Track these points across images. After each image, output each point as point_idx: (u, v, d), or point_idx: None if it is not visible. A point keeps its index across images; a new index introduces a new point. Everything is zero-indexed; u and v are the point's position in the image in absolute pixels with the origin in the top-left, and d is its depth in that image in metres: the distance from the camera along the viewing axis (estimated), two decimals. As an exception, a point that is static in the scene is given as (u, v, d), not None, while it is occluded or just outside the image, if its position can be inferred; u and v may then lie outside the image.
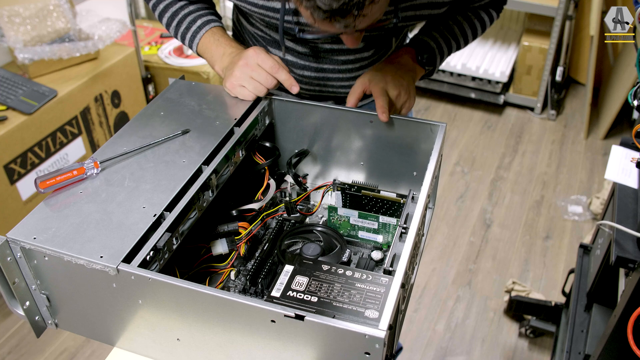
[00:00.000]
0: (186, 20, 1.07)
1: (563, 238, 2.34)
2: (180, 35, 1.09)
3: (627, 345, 0.99)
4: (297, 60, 1.07)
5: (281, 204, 0.99)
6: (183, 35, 1.08)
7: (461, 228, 2.39)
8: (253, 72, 0.95)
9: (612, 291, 1.27)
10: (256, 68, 0.95)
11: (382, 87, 0.95)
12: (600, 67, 3.10)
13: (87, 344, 1.88)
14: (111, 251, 0.69)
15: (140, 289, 0.69)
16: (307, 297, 0.70)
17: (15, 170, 1.88)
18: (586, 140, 2.92)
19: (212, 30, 1.06)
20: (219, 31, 1.06)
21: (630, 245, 1.12)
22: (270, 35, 1.09)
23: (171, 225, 0.75)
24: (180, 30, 1.07)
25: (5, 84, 1.97)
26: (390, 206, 0.92)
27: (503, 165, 2.74)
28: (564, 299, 1.84)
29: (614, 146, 1.29)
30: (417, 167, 0.98)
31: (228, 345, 0.70)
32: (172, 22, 1.08)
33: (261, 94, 0.97)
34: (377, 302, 0.68)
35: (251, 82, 0.96)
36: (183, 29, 1.07)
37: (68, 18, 2.11)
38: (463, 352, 1.91)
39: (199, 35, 1.06)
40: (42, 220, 0.74)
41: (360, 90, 0.97)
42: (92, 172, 0.82)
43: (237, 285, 0.89)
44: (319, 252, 0.88)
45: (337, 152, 1.02)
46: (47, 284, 0.76)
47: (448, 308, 2.06)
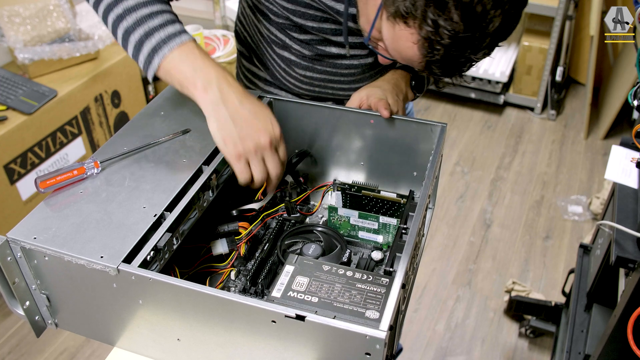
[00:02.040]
0: (150, 21, 0.82)
1: (563, 238, 2.34)
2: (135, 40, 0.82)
3: (627, 345, 0.99)
4: (301, 61, 1.07)
5: (281, 204, 0.99)
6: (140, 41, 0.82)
7: (461, 228, 2.39)
8: (267, 156, 0.82)
9: (612, 291, 1.27)
10: (271, 155, 0.82)
11: (381, 98, 0.97)
12: (600, 67, 3.10)
13: (87, 344, 1.88)
14: (111, 251, 0.69)
15: (140, 289, 0.69)
16: (308, 297, 0.70)
17: (15, 170, 1.88)
18: (586, 140, 2.92)
19: (191, 44, 0.83)
20: (197, 46, 0.84)
21: (630, 245, 1.12)
22: (291, 38, 1.03)
23: (171, 225, 0.75)
24: (138, 32, 0.82)
25: (5, 84, 1.96)
26: (390, 206, 0.92)
27: (503, 165, 2.74)
28: (564, 299, 1.84)
29: (614, 146, 1.29)
30: (417, 167, 0.98)
31: (228, 345, 0.70)
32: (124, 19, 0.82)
33: (257, 181, 0.83)
34: (377, 303, 0.68)
35: (258, 165, 0.82)
36: (143, 32, 0.82)
37: (68, 18, 2.11)
38: (463, 352, 1.91)
39: (171, 45, 0.81)
40: (42, 220, 0.74)
41: (356, 104, 0.99)
42: (92, 172, 0.82)
43: (237, 285, 0.89)
44: (319, 252, 0.88)
45: (337, 152, 1.02)
46: (47, 284, 0.75)
47: (448, 308, 2.06)
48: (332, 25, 0.99)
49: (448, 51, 0.73)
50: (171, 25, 0.83)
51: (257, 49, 1.15)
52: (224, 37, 2.57)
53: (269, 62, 1.13)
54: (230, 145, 0.80)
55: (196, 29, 2.46)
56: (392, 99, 0.98)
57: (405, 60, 0.81)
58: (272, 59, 1.11)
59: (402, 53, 0.79)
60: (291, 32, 1.03)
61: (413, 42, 0.75)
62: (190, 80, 0.80)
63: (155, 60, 0.81)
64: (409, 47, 0.76)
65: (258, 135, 0.81)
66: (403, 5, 0.72)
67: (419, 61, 0.78)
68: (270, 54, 1.10)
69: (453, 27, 0.70)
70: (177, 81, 0.82)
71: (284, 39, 1.05)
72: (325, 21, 0.98)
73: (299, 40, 1.04)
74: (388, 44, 0.80)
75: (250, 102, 0.82)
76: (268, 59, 1.13)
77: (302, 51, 1.05)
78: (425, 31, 0.72)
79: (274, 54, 1.09)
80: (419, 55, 0.76)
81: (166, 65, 0.81)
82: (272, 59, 1.11)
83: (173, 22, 0.83)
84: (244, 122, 0.80)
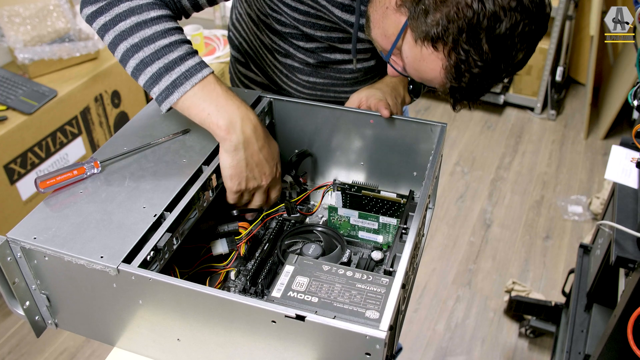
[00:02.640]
0: (170, 54, 0.79)
1: (563, 238, 2.34)
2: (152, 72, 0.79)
3: (627, 345, 0.99)
4: (304, 67, 1.06)
5: (281, 204, 0.99)
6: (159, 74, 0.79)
7: (461, 228, 2.39)
8: (260, 194, 0.89)
9: (612, 291, 1.27)
10: (264, 192, 0.89)
11: (381, 99, 0.97)
12: (600, 67, 3.10)
13: (87, 344, 1.88)
14: (111, 251, 0.69)
15: (140, 289, 0.69)
16: (308, 297, 0.70)
17: (15, 170, 1.88)
18: (586, 140, 2.92)
19: (212, 79, 0.81)
20: (217, 80, 0.82)
21: (630, 245, 1.12)
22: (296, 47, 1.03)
23: (171, 226, 0.75)
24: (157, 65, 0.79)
25: (5, 84, 1.96)
26: (390, 206, 0.92)
27: (503, 165, 2.74)
28: (564, 299, 1.84)
29: (614, 146, 1.29)
30: (417, 167, 0.98)
31: (228, 345, 0.70)
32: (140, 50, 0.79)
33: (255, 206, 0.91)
34: (377, 303, 0.68)
35: (249, 197, 0.88)
36: (162, 65, 0.79)
37: (68, 18, 2.11)
38: (463, 352, 1.91)
39: (193, 80, 0.79)
40: (42, 220, 0.74)
41: (356, 104, 0.99)
42: (92, 172, 0.82)
43: (237, 285, 0.89)
44: (319, 252, 0.88)
45: (337, 152, 1.02)
46: (47, 284, 0.75)
47: (448, 308, 2.06)
48: (340, 34, 0.99)
49: (474, 79, 0.73)
50: (191, 57, 0.80)
51: (254, 56, 1.14)
52: (224, 37, 2.57)
53: (269, 69, 1.12)
54: (235, 183, 0.84)
55: (196, 29, 2.46)
56: (391, 101, 0.99)
57: (424, 80, 0.80)
58: (273, 66, 1.11)
59: (423, 74, 0.78)
60: (297, 41, 1.02)
61: (440, 67, 0.74)
62: (213, 119, 0.80)
63: (174, 95, 0.79)
64: (433, 70, 0.75)
65: (262, 179, 0.86)
66: (434, 29, 0.71)
67: (442, 85, 0.77)
68: (271, 61, 1.10)
69: (482, 58, 0.70)
70: (197, 118, 0.81)
71: (287, 48, 1.05)
72: (334, 30, 0.98)
73: (304, 49, 1.03)
74: (408, 62, 0.79)
75: (268, 145, 0.85)
76: (268, 65, 1.12)
77: (306, 59, 1.05)
78: (455, 58, 0.71)
79: (275, 61, 1.09)
80: (442, 79, 0.76)
81: (186, 101, 0.80)
82: (272, 66, 1.11)
83: (192, 54, 0.81)
84: (256, 166, 0.84)
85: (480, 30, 0.69)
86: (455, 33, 0.69)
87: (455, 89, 0.77)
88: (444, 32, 0.70)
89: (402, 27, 0.77)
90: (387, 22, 0.79)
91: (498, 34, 0.69)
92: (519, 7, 0.69)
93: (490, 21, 0.68)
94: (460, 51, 0.70)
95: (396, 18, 0.77)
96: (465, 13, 0.68)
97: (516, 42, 0.71)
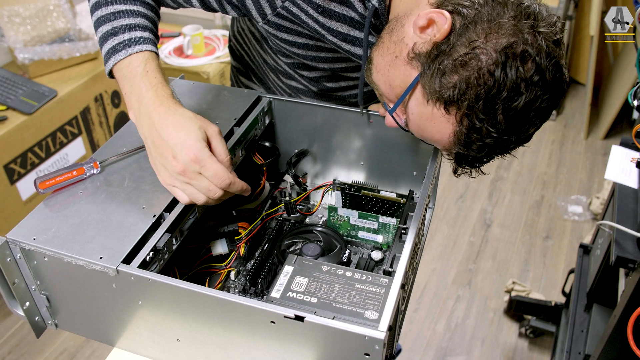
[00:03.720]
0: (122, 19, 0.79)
1: (563, 238, 2.34)
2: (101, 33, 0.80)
3: (627, 345, 0.99)
4: (308, 91, 1.05)
5: (281, 204, 0.99)
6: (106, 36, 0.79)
7: (461, 228, 2.39)
8: (192, 180, 0.73)
9: (612, 291, 1.27)
10: (196, 177, 0.73)
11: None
12: (600, 67, 3.10)
13: (87, 344, 1.88)
14: (111, 252, 0.69)
15: (140, 290, 0.69)
16: (307, 297, 0.70)
17: (15, 170, 1.88)
18: (586, 140, 2.92)
19: (149, 54, 0.78)
20: (155, 59, 0.78)
21: (630, 245, 1.12)
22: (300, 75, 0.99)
23: (171, 226, 0.75)
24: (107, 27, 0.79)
25: (5, 84, 1.97)
26: (390, 206, 0.92)
27: (503, 165, 2.74)
28: (564, 299, 1.84)
29: (614, 146, 1.29)
30: (417, 167, 0.98)
31: (228, 345, 0.70)
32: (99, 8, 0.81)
33: (199, 202, 0.75)
34: (377, 303, 0.68)
35: (188, 188, 0.74)
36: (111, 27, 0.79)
37: (68, 18, 2.11)
38: (463, 352, 1.91)
39: (129, 50, 0.77)
40: (41, 220, 0.74)
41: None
42: (91, 172, 0.82)
43: (237, 285, 0.89)
44: (318, 252, 0.88)
45: (337, 152, 1.02)
46: (46, 284, 0.75)
47: (448, 308, 2.06)
48: (343, 64, 0.95)
49: (483, 149, 0.70)
50: (139, 30, 0.78)
51: (257, 71, 1.12)
52: (224, 37, 2.57)
53: (272, 85, 1.11)
54: (157, 172, 0.76)
55: (196, 29, 2.46)
56: None
57: (427, 140, 0.76)
58: (277, 84, 1.09)
59: (428, 134, 0.74)
60: (300, 70, 0.99)
61: (449, 131, 0.70)
62: (126, 98, 0.78)
63: (110, 61, 0.79)
64: (441, 133, 0.71)
65: (174, 170, 0.73)
66: (450, 92, 0.66)
67: (447, 149, 0.73)
68: (274, 79, 1.08)
69: (496, 128, 0.67)
70: (122, 91, 0.79)
71: (291, 73, 1.02)
72: (337, 61, 0.94)
73: (308, 78, 1.01)
74: (413, 120, 0.74)
75: (174, 127, 0.73)
76: (271, 82, 1.10)
77: (310, 86, 1.03)
78: (467, 125, 0.68)
79: (279, 80, 1.07)
80: (450, 144, 0.72)
81: (116, 71, 0.79)
82: (275, 84, 1.09)
83: (144, 29, 0.79)
84: (165, 161, 0.74)
85: (498, 100, 0.65)
86: (472, 99, 0.65)
87: (461, 155, 0.73)
88: (460, 96, 0.66)
89: (412, 82, 0.71)
90: (395, 73, 0.74)
91: (515, 107, 0.66)
92: (541, 81, 0.65)
93: (510, 92, 0.65)
94: (474, 119, 0.67)
95: (406, 70, 0.72)
96: (486, 80, 0.64)
97: (531, 116, 0.68)
